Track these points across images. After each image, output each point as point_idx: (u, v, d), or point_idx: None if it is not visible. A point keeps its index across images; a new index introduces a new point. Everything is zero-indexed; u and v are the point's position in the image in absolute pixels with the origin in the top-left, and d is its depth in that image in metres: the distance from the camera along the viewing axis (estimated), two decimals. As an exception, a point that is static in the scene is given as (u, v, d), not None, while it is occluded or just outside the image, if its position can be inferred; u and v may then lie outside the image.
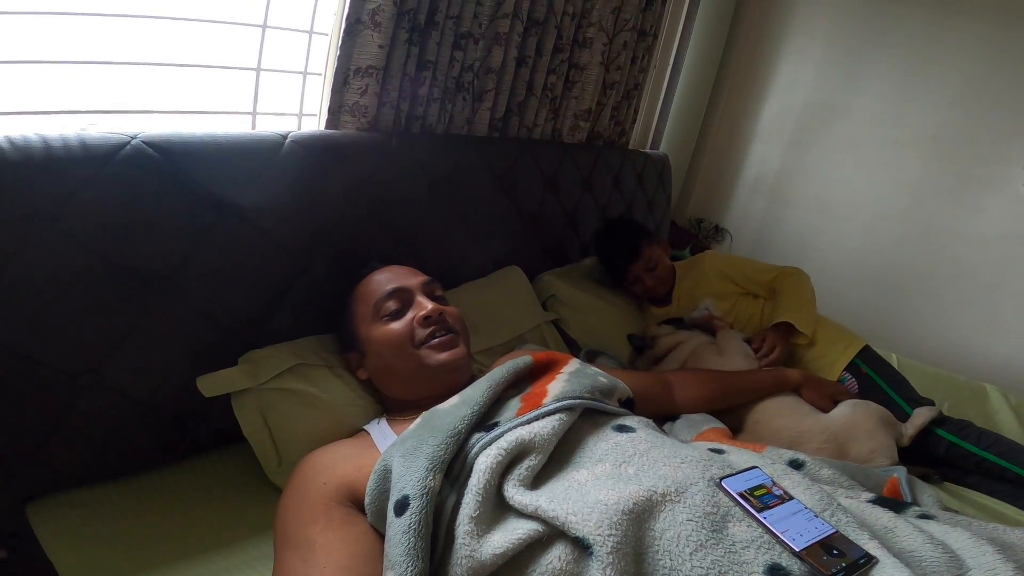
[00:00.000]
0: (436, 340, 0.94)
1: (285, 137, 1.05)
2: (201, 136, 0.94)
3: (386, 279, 1.01)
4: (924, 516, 0.74)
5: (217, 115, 1.26)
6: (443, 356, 0.94)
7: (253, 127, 1.26)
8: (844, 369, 1.51)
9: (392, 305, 0.97)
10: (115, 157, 0.84)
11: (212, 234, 0.95)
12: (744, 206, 2.68)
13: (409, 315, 0.96)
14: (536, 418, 0.77)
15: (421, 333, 0.94)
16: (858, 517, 0.68)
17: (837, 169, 2.43)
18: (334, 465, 0.80)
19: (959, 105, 2.13)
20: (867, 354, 1.56)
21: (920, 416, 1.30)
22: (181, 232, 0.92)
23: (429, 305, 0.96)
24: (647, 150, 2.39)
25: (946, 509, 0.82)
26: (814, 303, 1.61)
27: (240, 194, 0.98)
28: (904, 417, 1.39)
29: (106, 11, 1.02)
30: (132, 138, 0.86)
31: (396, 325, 0.95)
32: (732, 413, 1.25)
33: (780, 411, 1.24)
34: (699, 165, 2.77)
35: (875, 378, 1.51)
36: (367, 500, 0.73)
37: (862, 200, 2.38)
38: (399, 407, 0.98)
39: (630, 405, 0.96)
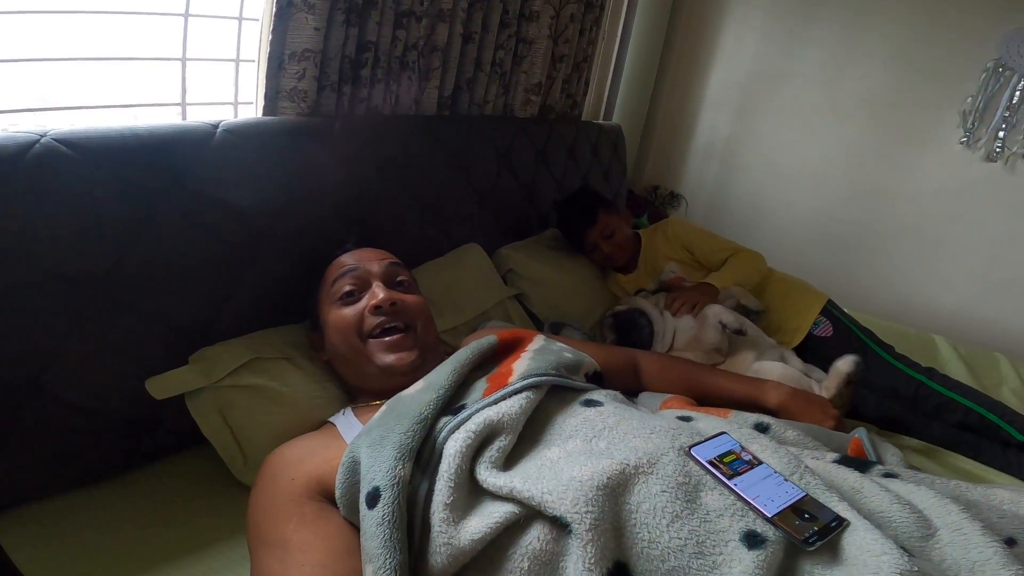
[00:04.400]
0: (387, 338, 0.92)
1: (216, 126, 1.00)
2: (119, 130, 0.88)
3: (347, 260, 0.99)
4: (888, 475, 0.76)
5: (144, 108, 1.19)
6: (390, 359, 0.91)
7: (184, 118, 1.19)
8: (819, 313, 1.57)
9: (345, 287, 0.95)
10: (24, 157, 0.78)
11: (145, 232, 0.90)
12: (698, 172, 2.72)
13: (363, 302, 0.94)
14: (503, 398, 0.76)
15: (371, 322, 0.92)
16: (826, 479, 0.69)
17: (783, 134, 2.48)
18: (301, 460, 0.78)
19: (892, 69, 2.20)
20: (833, 305, 1.63)
21: (836, 370, 1.17)
22: (109, 232, 0.87)
23: (381, 294, 0.93)
24: (600, 121, 2.38)
25: (910, 467, 0.84)
26: (755, 278, 1.65)
27: (171, 189, 0.93)
28: (875, 359, 1.45)
29: (21, 8, 0.94)
30: (41, 136, 0.80)
31: (347, 311, 0.93)
32: None
33: None
34: (652, 134, 2.78)
35: (847, 323, 1.58)
36: (337, 494, 0.71)
37: (808, 163, 2.44)
38: (360, 394, 0.96)
39: (598, 378, 0.96)
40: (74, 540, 0.83)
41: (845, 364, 1.17)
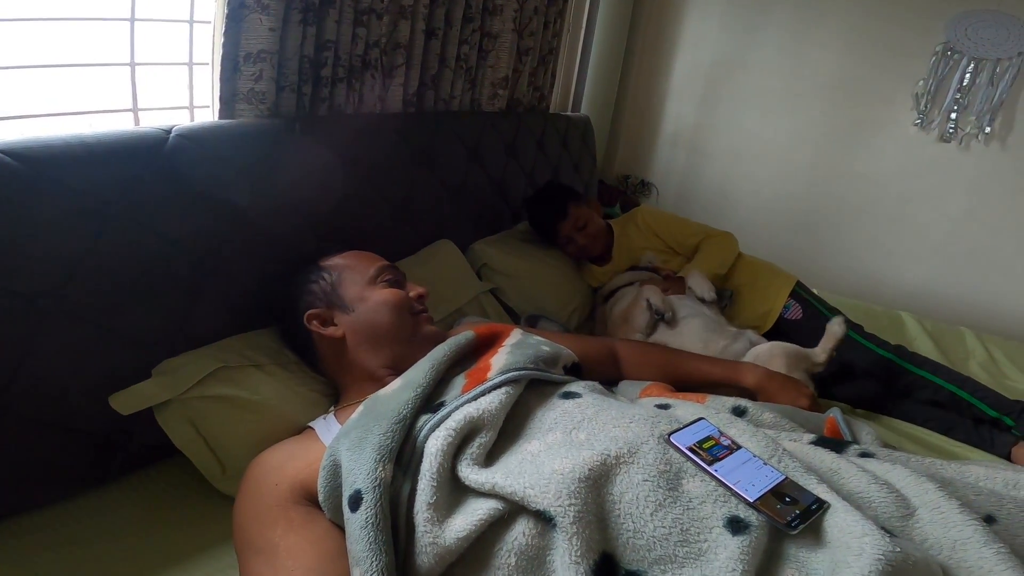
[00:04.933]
0: (425, 314, 1.04)
1: (169, 132, 0.96)
2: (66, 138, 0.84)
3: (370, 254, 1.09)
4: (864, 454, 0.77)
5: (94, 115, 1.14)
6: (432, 328, 1.03)
7: (136, 124, 1.15)
8: (788, 296, 1.59)
9: (391, 276, 1.04)
10: (-35, 170, 0.73)
11: (99, 243, 0.87)
12: (666, 160, 2.75)
13: (406, 289, 1.04)
14: (482, 393, 0.75)
15: (417, 307, 1.03)
16: (804, 461, 0.70)
17: (746, 120, 2.52)
18: (283, 465, 0.77)
19: (847, 54, 2.26)
20: (801, 286, 1.65)
21: (831, 332, 1.23)
22: (60, 245, 0.83)
23: (422, 288, 1.05)
24: (568, 113, 2.38)
25: (885, 445, 0.86)
26: (729, 261, 1.67)
27: (123, 198, 0.89)
28: (845, 339, 1.47)
29: None
30: (-17, 148, 0.75)
31: (398, 291, 1.02)
32: None
33: None
34: (620, 124, 2.80)
35: (816, 304, 1.60)
36: (320, 497, 0.71)
37: (771, 148, 2.49)
38: (356, 379, 0.96)
39: (577, 370, 0.96)
40: (56, 555, 0.81)
41: (839, 326, 1.22)
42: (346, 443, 0.70)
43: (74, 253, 0.84)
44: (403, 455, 0.69)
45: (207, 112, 1.23)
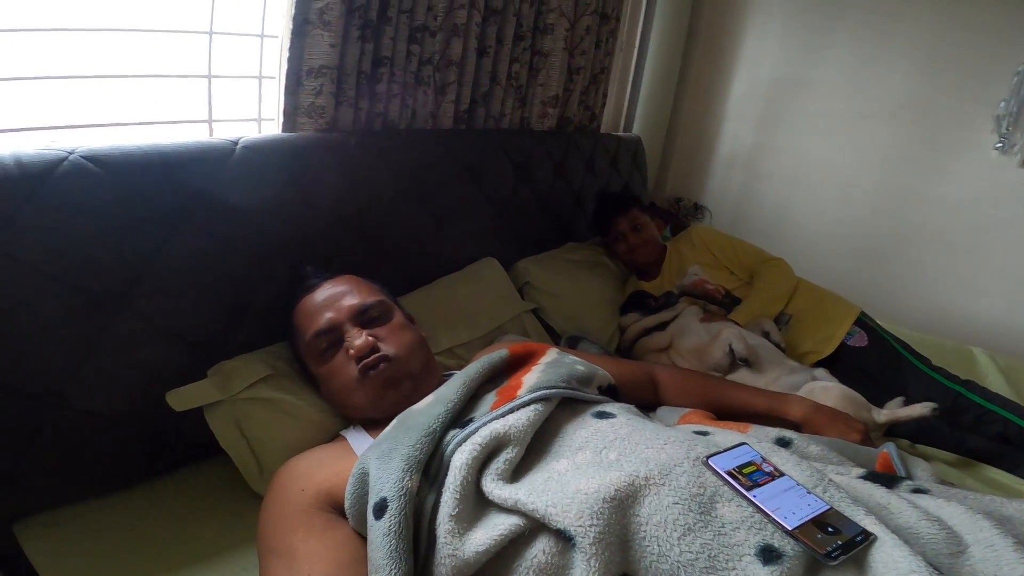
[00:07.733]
0: (376, 376, 0.89)
1: (236, 143, 1.02)
2: (144, 147, 0.91)
3: (314, 310, 0.95)
4: (918, 491, 0.72)
5: (173, 125, 1.23)
6: (391, 393, 0.90)
7: (210, 134, 1.23)
8: (853, 324, 1.52)
9: (322, 344, 0.93)
10: (52, 174, 0.81)
11: (166, 247, 0.92)
12: (721, 183, 2.68)
13: (344, 347, 0.92)
14: (511, 411, 0.75)
15: (365, 363, 0.89)
16: (851, 493, 0.66)
17: (807, 142, 2.43)
18: (311, 472, 0.79)
19: (920, 74, 2.14)
20: (866, 316, 1.58)
21: (913, 407, 1.18)
22: (132, 247, 0.89)
23: (357, 341, 0.89)
24: (619, 133, 2.37)
25: (942, 482, 0.80)
26: (783, 299, 1.61)
27: (191, 204, 0.95)
28: (912, 370, 1.40)
29: (52, 26, 0.99)
30: (69, 153, 0.83)
31: (338, 360, 0.91)
32: None
33: None
34: (673, 145, 2.76)
35: (882, 332, 1.52)
36: (347, 504, 0.72)
37: (834, 171, 2.39)
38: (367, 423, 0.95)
39: (613, 392, 0.94)
40: (94, 546, 0.84)
41: (924, 408, 1.17)
42: (376, 453, 0.72)
43: (143, 256, 0.90)
44: (431, 467, 0.70)
45: (273, 124, 1.30)
